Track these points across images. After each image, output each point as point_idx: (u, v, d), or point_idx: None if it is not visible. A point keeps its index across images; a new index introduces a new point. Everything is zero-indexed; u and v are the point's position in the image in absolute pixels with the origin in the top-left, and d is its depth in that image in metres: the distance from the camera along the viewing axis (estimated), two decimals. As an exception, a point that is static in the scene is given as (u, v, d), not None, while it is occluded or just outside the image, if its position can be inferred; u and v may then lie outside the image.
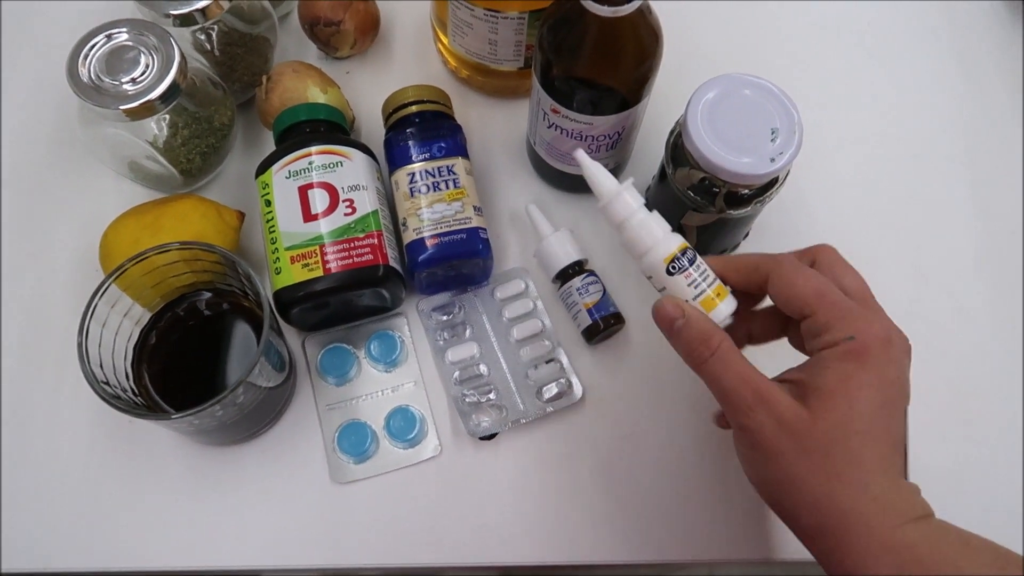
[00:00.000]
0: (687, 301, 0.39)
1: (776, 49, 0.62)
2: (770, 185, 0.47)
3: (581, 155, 0.42)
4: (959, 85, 0.62)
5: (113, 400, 0.40)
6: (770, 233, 0.56)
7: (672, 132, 0.49)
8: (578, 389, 0.50)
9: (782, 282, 0.39)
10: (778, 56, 0.62)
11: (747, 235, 0.55)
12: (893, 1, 0.65)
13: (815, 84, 0.59)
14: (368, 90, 0.60)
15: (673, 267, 0.39)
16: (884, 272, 0.55)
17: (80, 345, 0.41)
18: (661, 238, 0.40)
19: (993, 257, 0.56)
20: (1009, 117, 0.61)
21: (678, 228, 0.50)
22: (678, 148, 0.47)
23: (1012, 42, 0.64)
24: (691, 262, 0.39)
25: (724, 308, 0.40)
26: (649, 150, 0.57)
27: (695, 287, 0.39)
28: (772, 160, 0.44)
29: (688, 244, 0.40)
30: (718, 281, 0.40)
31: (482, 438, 0.49)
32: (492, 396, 0.50)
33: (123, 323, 0.45)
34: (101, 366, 0.42)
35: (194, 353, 0.48)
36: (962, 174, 0.59)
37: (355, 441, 0.48)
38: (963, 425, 0.51)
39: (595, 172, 0.41)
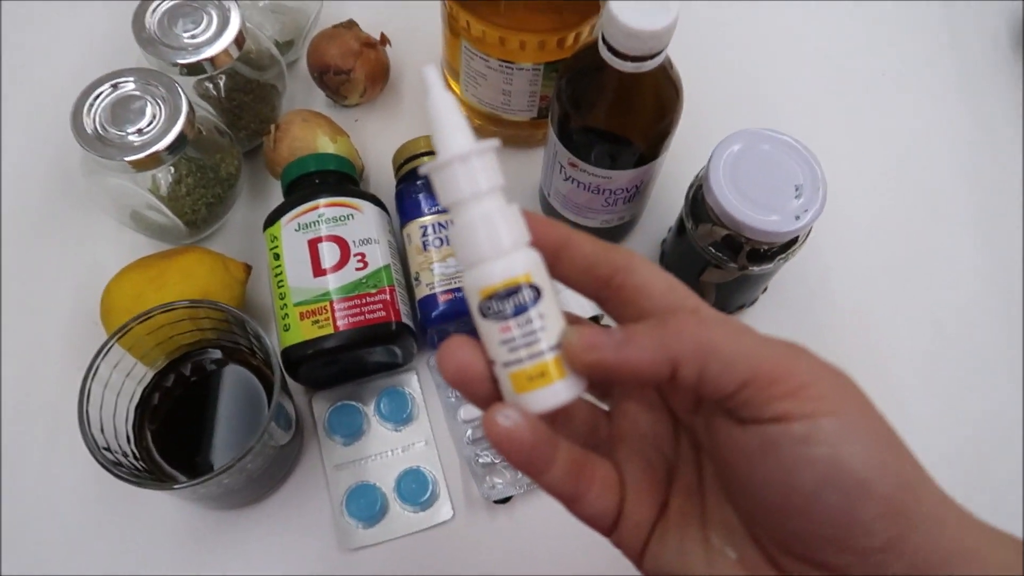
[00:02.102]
0: (497, 364, 0.25)
1: (789, 102, 0.62)
2: (793, 241, 0.46)
3: (431, 74, 0.25)
4: (970, 132, 0.62)
5: (115, 468, 0.38)
6: (787, 287, 0.55)
7: (692, 186, 0.48)
8: (595, 449, 0.49)
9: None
10: (791, 109, 0.61)
11: (765, 290, 0.54)
12: (904, 49, 0.66)
13: (828, 137, 0.59)
14: (377, 138, 0.59)
15: (488, 307, 0.24)
16: (901, 326, 0.55)
17: (81, 408, 0.39)
18: (497, 254, 0.24)
19: (1010, 307, 0.56)
20: (1021, 163, 0.61)
21: (697, 285, 0.49)
22: (698, 203, 0.46)
23: (1019, 85, 0.64)
24: (519, 308, 0.24)
25: (543, 397, 0.24)
26: (664, 202, 0.56)
27: (512, 349, 0.24)
28: (797, 217, 0.43)
29: (535, 277, 0.24)
30: (553, 351, 0.24)
31: (497, 501, 0.47)
32: (506, 456, 0.48)
33: (125, 383, 0.43)
34: (102, 430, 0.40)
35: (198, 413, 0.46)
36: (975, 222, 0.59)
37: (364, 504, 0.46)
38: (988, 490, 0.50)
39: (444, 109, 0.24)
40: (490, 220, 0.24)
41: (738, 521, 0.26)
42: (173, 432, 0.45)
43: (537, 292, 0.24)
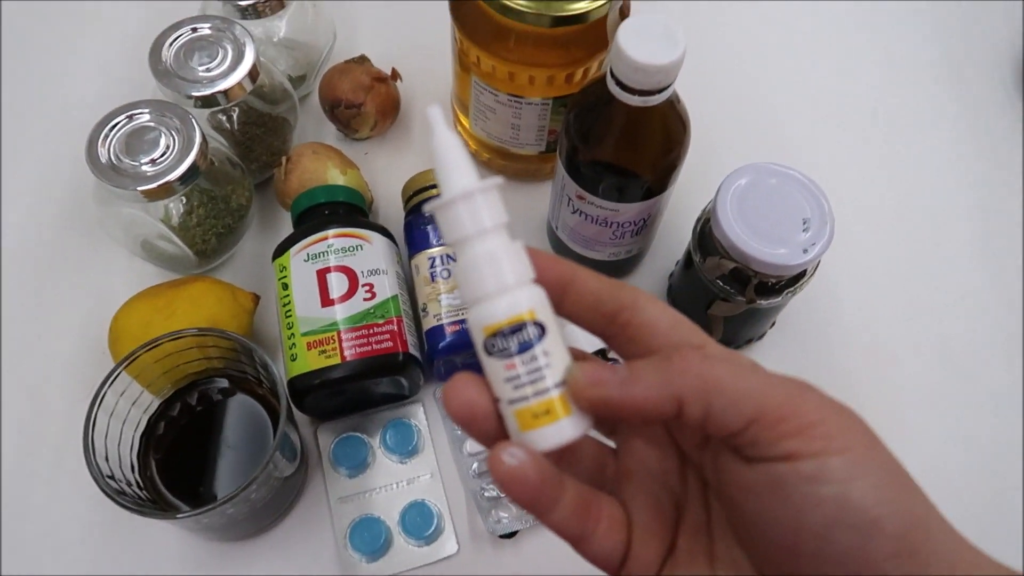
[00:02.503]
0: (502, 401, 0.24)
1: (796, 137, 0.62)
2: (801, 275, 0.46)
3: (435, 114, 0.25)
4: (976, 164, 0.62)
5: (118, 497, 0.38)
6: (796, 321, 0.54)
7: (699, 220, 0.48)
8: (602, 483, 0.48)
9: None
10: (798, 144, 0.62)
11: (773, 324, 0.54)
12: (906, 84, 0.66)
13: (835, 171, 0.59)
14: (386, 171, 0.59)
15: (492, 345, 0.24)
16: (911, 358, 0.54)
17: (86, 436, 0.39)
18: (501, 291, 0.24)
19: (1020, 338, 0.55)
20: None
21: (704, 318, 0.49)
22: (706, 236, 0.46)
23: (1019, 118, 0.64)
24: (523, 346, 0.24)
25: (547, 435, 0.24)
26: (672, 235, 0.56)
27: (516, 387, 0.24)
28: (805, 251, 0.43)
29: (539, 314, 0.24)
30: (557, 389, 0.24)
31: (502, 536, 0.46)
32: (512, 490, 0.48)
33: (131, 411, 0.43)
34: (107, 458, 0.40)
35: (203, 442, 0.45)
36: (983, 255, 0.58)
37: (368, 538, 0.46)
38: (1001, 521, 0.49)
39: (448, 148, 0.24)
40: (493, 257, 0.24)
41: (747, 561, 0.25)
42: (178, 461, 0.45)
43: (541, 329, 0.24)
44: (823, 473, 0.22)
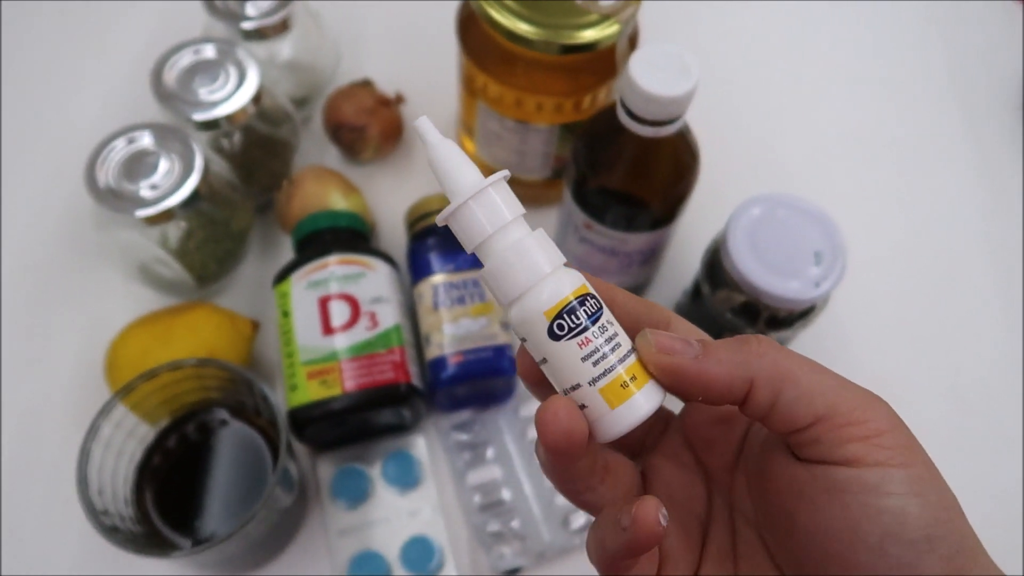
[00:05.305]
0: (581, 386, 0.23)
1: (806, 169, 0.62)
2: (812, 307, 0.45)
3: (425, 124, 0.24)
4: (987, 199, 0.62)
5: (111, 535, 0.37)
6: (803, 352, 0.53)
7: (708, 251, 0.47)
8: (607, 519, 0.47)
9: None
10: (808, 176, 0.61)
11: (782, 355, 0.53)
12: (918, 117, 0.66)
13: (846, 204, 0.59)
14: (389, 196, 0.58)
15: (561, 326, 0.23)
16: (921, 396, 0.53)
17: (80, 470, 0.38)
18: (548, 273, 0.23)
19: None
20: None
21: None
22: (716, 268, 0.46)
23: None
24: (593, 317, 0.23)
25: (642, 402, 0.23)
26: (678, 264, 0.55)
27: (596, 362, 0.23)
28: (817, 285, 0.42)
29: (589, 287, 0.24)
30: (633, 354, 0.23)
31: (506, 573, 0.45)
32: (515, 524, 0.47)
33: (127, 443, 0.42)
34: (100, 492, 0.39)
35: (201, 474, 0.44)
36: (996, 292, 0.58)
37: (369, 573, 0.45)
38: (1011, 567, 0.48)
39: (446, 154, 0.24)
40: (531, 243, 0.23)
41: None
42: (174, 494, 0.43)
43: (598, 299, 0.23)
44: (886, 484, 0.21)
